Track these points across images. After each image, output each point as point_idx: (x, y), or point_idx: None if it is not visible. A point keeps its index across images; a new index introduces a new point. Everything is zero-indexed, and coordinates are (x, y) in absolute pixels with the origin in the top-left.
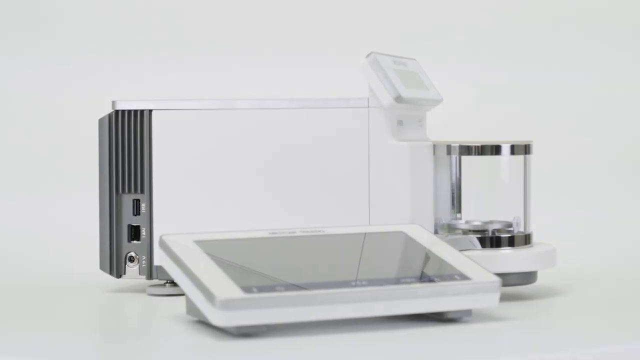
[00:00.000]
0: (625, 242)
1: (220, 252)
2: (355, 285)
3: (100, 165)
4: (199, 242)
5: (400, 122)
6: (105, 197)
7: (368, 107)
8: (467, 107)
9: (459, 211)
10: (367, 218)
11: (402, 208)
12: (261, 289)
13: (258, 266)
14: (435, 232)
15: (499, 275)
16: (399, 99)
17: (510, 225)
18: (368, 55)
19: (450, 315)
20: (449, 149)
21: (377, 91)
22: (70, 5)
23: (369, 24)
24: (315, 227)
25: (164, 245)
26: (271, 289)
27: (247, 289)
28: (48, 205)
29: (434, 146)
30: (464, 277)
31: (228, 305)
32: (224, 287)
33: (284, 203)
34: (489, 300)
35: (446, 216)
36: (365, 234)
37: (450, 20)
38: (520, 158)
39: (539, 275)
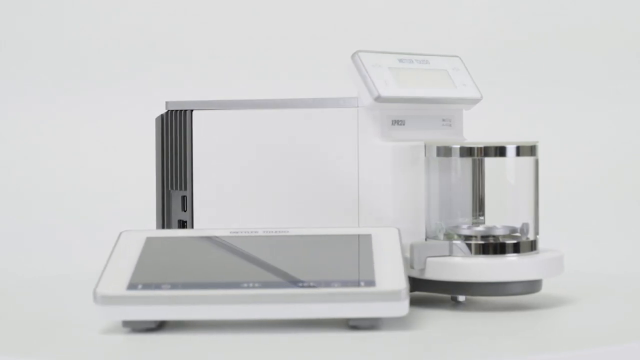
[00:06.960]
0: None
1: (159, 249)
2: (246, 287)
3: (155, 163)
4: (149, 239)
5: (398, 122)
6: (159, 193)
7: (357, 106)
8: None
9: (462, 216)
10: (357, 219)
11: (386, 210)
12: (146, 287)
13: (179, 264)
14: (435, 237)
15: (502, 283)
16: (379, 98)
17: (514, 230)
18: (353, 55)
19: (351, 323)
20: (438, 150)
21: (360, 91)
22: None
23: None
24: (281, 228)
25: (117, 240)
26: (156, 286)
27: (132, 286)
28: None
29: (425, 147)
30: (369, 284)
31: (105, 300)
32: (113, 283)
33: (285, 203)
34: (394, 310)
35: (445, 221)
36: (328, 235)
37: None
38: (525, 160)
39: (545, 284)
